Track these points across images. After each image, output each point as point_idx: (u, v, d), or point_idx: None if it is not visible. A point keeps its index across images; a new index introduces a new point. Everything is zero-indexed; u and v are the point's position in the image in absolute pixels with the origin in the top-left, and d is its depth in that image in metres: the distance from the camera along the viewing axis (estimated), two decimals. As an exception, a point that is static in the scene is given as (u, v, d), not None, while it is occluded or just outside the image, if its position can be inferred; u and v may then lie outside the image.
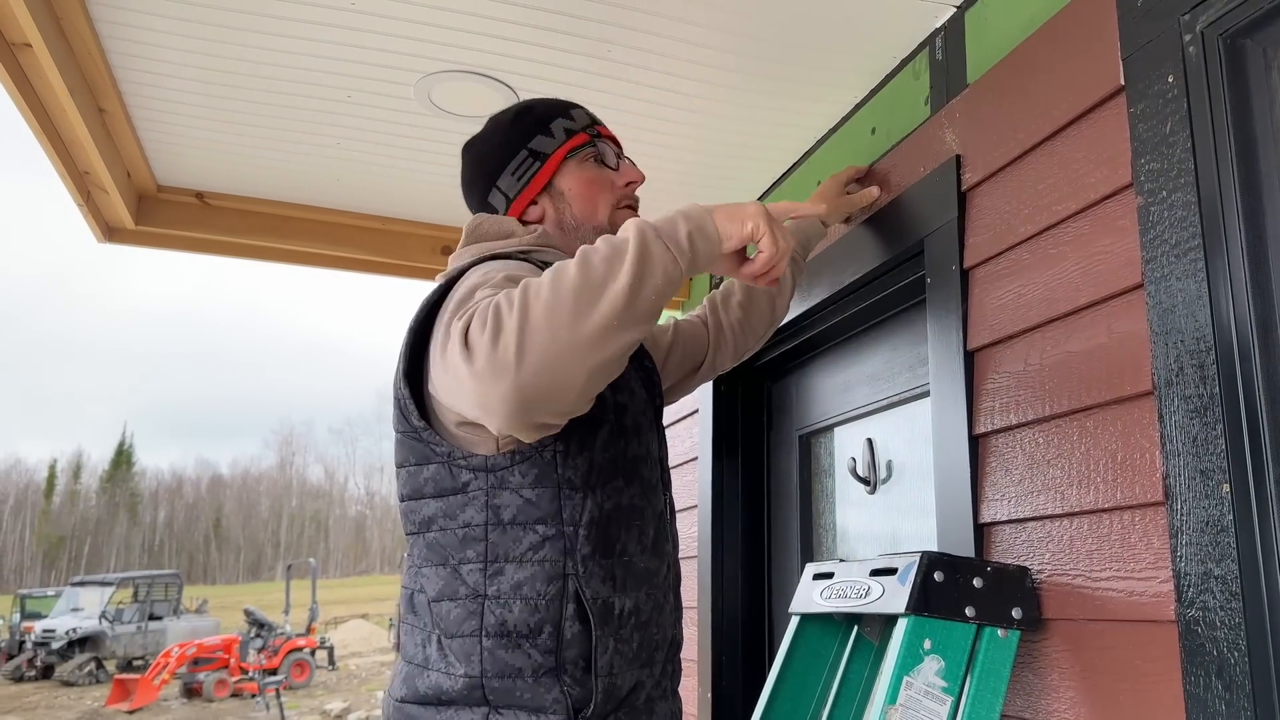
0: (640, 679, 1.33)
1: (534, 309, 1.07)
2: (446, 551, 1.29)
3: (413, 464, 1.33)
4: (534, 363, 1.05)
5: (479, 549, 1.27)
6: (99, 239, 2.56)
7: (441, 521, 1.30)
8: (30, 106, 1.92)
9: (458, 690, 1.25)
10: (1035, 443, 1.45)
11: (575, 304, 1.07)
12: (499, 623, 1.25)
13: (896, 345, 2.11)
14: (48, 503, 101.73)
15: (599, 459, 1.32)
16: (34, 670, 20.95)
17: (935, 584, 1.33)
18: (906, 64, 1.92)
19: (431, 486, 1.30)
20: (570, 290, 1.08)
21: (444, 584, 1.29)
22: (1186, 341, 1.18)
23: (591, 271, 1.10)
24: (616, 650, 1.29)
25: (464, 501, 1.28)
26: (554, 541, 1.27)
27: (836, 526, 2.38)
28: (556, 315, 1.06)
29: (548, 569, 1.26)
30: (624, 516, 1.34)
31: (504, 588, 1.25)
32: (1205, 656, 1.12)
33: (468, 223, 1.48)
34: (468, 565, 1.27)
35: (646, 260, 1.12)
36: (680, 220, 1.18)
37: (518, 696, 1.24)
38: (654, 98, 2.07)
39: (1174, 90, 1.24)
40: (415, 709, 1.29)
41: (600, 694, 1.26)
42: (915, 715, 1.28)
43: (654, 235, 1.14)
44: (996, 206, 1.58)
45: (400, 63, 1.95)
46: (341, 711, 15.27)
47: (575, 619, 1.26)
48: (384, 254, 2.76)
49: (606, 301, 1.08)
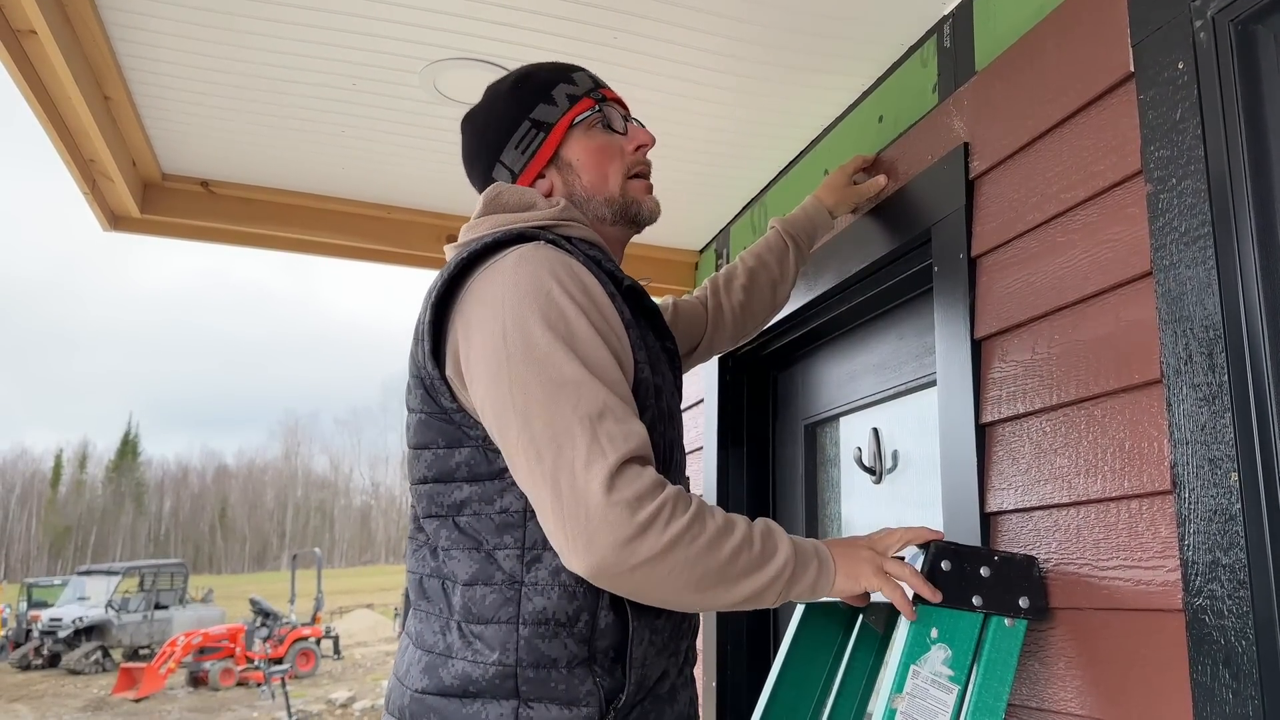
0: (666, 668, 1.33)
1: (681, 552, 1.14)
2: (481, 536, 1.26)
3: (442, 446, 1.29)
4: (640, 579, 1.13)
5: (517, 535, 1.25)
6: (104, 227, 2.56)
7: (476, 506, 1.27)
8: (35, 94, 1.92)
9: (487, 680, 1.22)
10: (1042, 431, 1.44)
11: (709, 576, 1.16)
12: (538, 610, 1.22)
13: (903, 334, 2.11)
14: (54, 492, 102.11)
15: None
16: (41, 659, 21.08)
17: (942, 573, 1.32)
18: (914, 51, 1.91)
19: (465, 471, 1.27)
20: (719, 563, 1.17)
21: (478, 569, 1.25)
22: (1195, 329, 1.17)
23: (740, 561, 1.18)
24: (650, 641, 1.28)
25: (501, 488, 1.25)
26: None
27: (842, 516, 2.37)
28: (690, 570, 1.14)
29: None
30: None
31: (542, 575, 1.23)
32: (1212, 645, 1.12)
33: (486, 192, 1.43)
34: (504, 551, 1.25)
35: (777, 585, 1.21)
36: (814, 565, 1.25)
37: (551, 688, 1.21)
38: (660, 86, 2.06)
39: (1184, 77, 1.23)
40: (438, 701, 1.24)
41: (633, 685, 1.25)
42: (922, 704, 1.28)
43: (792, 570, 1.22)
44: (1005, 194, 1.57)
45: (406, 50, 1.94)
46: (347, 700, 15.35)
47: (610, 608, 1.24)
48: (388, 243, 2.76)
49: (726, 592, 1.18)
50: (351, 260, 2.90)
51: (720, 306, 1.82)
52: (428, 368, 1.28)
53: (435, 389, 1.28)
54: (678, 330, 1.77)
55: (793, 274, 1.88)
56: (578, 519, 1.11)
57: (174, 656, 16.94)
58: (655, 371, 1.37)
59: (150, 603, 22.16)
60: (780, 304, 1.89)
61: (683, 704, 1.37)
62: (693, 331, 1.80)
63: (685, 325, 1.79)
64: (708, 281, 1.86)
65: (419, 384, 1.31)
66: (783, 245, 1.88)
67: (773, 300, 1.87)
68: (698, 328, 1.80)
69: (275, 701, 14.89)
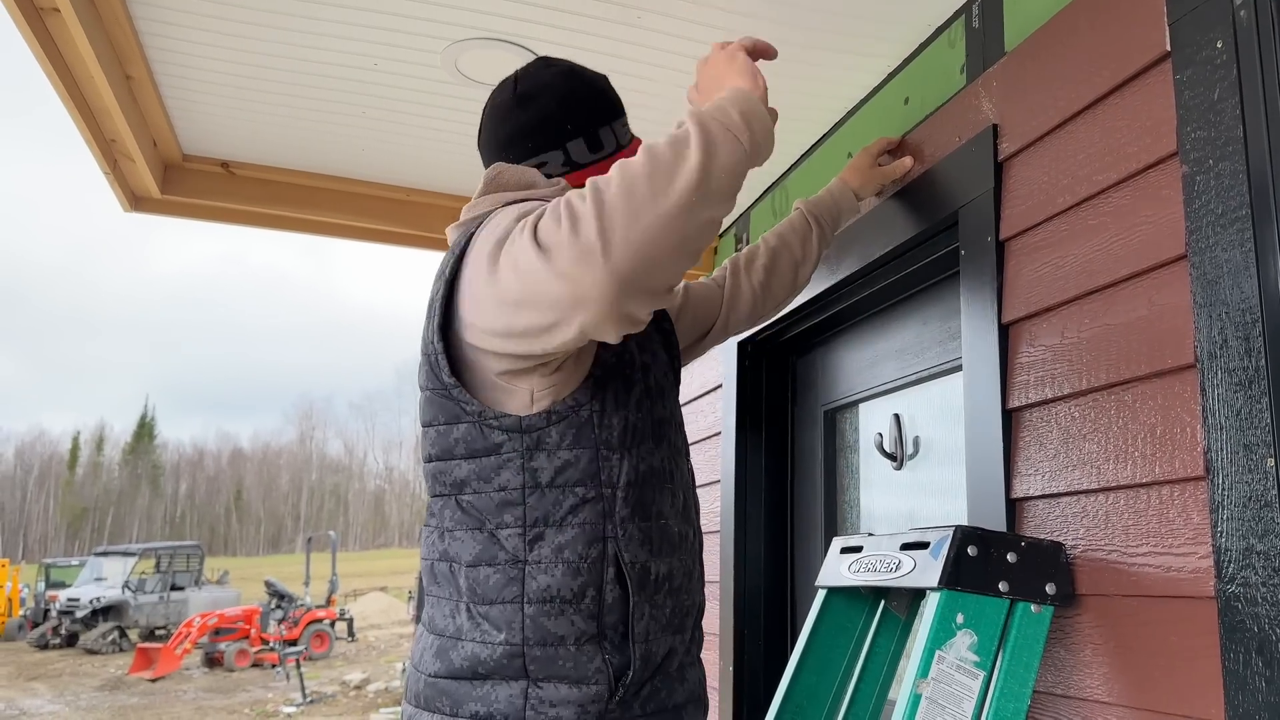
0: (674, 645, 1.33)
1: (608, 195, 1.06)
2: (482, 516, 1.27)
3: (442, 423, 1.30)
4: (622, 242, 1.03)
5: (517, 513, 1.25)
6: (125, 208, 2.56)
7: (475, 484, 1.27)
8: (58, 72, 1.91)
9: (495, 660, 1.23)
10: (1071, 417, 1.43)
11: (650, 185, 1.06)
12: (542, 589, 1.23)
13: (927, 319, 2.09)
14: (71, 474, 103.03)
15: (633, 419, 1.31)
16: (59, 638, 21.29)
17: (969, 558, 1.31)
18: (941, 32, 1.88)
19: (463, 447, 1.28)
20: (641, 174, 1.07)
21: (480, 549, 1.26)
22: (1231, 313, 1.15)
23: (658, 156, 1.08)
24: (652, 616, 1.28)
25: (498, 464, 1.26)
26: (593, 504, 1.26)
27: (860, 502, 2.36)
28: (634, 196, 1.05)
29: (588, 531, 1.25)
30: (657, 479, 1.34)
31: (545, 552, 1.24)
32: (1245, 633, 1.10)
33: (487, 171, 1.42)
34: (506, 530, 1.25)
35: (710, 140, 1.10)
36: (728, 104, 1.17)
37: (559, 666, 1.22)
38: (682, 66, 2.04)
39: (1223, 56, 1.20)
40: (449, 684, 1.26)
41: (639, 660, 1.25)
42: (947, 689, 1.27)
43: (710, 119, 1.13)
44: (1034, 177, 1.55)
45: (427, 30, 1.93)
46: (360, 682, 15.44)
47: (615, 583, 1.25)
48: (407, 225, 2.75)
49: (681, 179, 1.07)
50: (370, 243, 2.89)
51: (739, 287, 1.80)
52: (433, 342, 1.28)
53: (437, 364, 1.28)
54: (688, 314, 1.76)
55: (815, 256, 1.86)
56: (558, 295, 1.06)
57: (190, 637, 17.09)
58: (643, 349, 1.38)
59: (166, 584, 22.35)
60: (800, 286, 1.87)
61: (692, 683, 1.37)
62: (707, 314, 1.78)
63: (697, 308, 1.78)
64: (728, 262, 1.85)
65: (425, 359, 1.32)
66: (806, 226, 1.86)
67: (793, 282, 1.85)
68: (712, 309, 1.79)
69: (290, 683, 15.01)
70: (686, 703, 1.34)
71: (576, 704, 1.22)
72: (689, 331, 1.77)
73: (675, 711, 1.32)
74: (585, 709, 1.22)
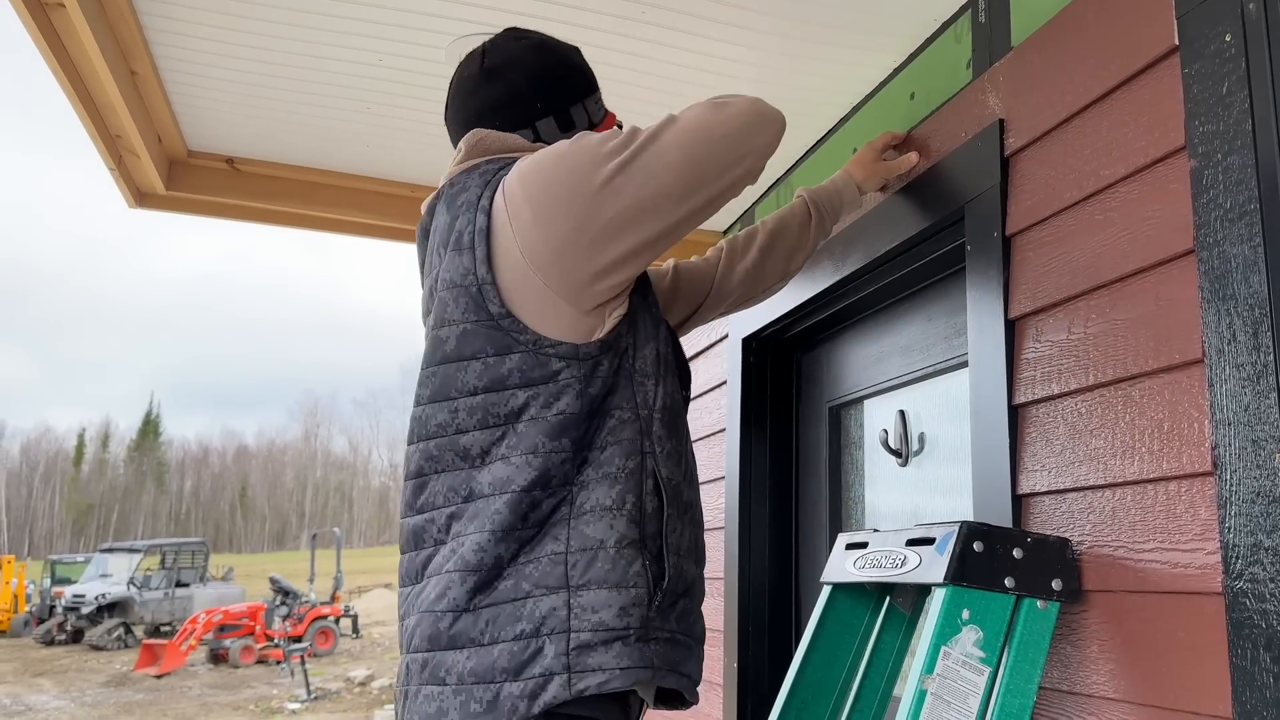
0: (697, 575, 1.40)
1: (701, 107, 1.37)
2: (538, 440, 1.29)
3: (491, 354, 1.32)
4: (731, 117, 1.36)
5: (574, 436, 1.30)
6: (130, 204, 2.57)
7: (535, 410, 1.30)
8: (63, 67, 1.92)
9: (540, 572, 1.26)
10: (1077, 413, 1.42)
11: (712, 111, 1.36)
12: (586, 501, 1.29)
13: (932, 315, 2.09)
14: (76, 470, 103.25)
15: (663, 350, 1.42)
16: (64, 634, 21.37)
17: (974, 554, 1.31)
18: (948, 27, 1.87)
19: (518, 376, 1.31)
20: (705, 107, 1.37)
21: (537, 474, 1.28)
22: (1240, 308, 1.15)
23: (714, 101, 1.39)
24: (682, 533, 1.36)
25: (557, 390, 1.30)
26: (631, 424, 1.34)
27: (865, 499, 2.36)
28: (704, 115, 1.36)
29: (626, 447, 1.32)
30: (680, 410, 1.44)
31: (589, 472, 1.30)
32: (1253, 629, 1.10)
33: (468, 136, 1.46)
34: (561, 454, 1.29)
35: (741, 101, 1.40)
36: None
37: (599, 570, 1.26)
38: (689, 61, 2.04)
39: (1232, 49, 1.20)
40: (490, 611, 1.26)
41: (672, 570, 1.32)
42: (952, 685, 1.27)
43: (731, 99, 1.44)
44: (1041, 172, 1.55)
45: (432, 25, 1.92)
46: (365, 679, 15.47)
47: (654, 494, 1.33)
48: (411, 221, 2.75)
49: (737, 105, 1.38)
50: (375, 239, 2.90)
51: (732, 267, 1.78)
52: (479, 272, 1.32)
53: (485, 294, 1.32)
54: (679, 295, 1.77)
55: (811, 245, 1.83)
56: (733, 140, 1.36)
57: (195, 634, 17.14)
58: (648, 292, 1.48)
59: (171, 580, 22.41)
60: (792, 273, 1.84)
61: (701, 629, 1.42)
62: (695, 293, 1.78)
63: (686, 288, 1.77)
64: (724, 241, 1.83)
65: (464, 293, 1.33)
66: (806, 214, 1.83)
67: (785, 268, 1.82)
68: (701, 288, 1.78)
69: (294, 679, 15.03)
70: (702, 639, 1.40)
71: (619, 607, 1.25)
72: (680, 309, 1.77)
73: (699, 642, 1.39)
74: (627, 611, 1.26)
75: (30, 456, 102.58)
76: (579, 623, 1.24)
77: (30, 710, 13.65)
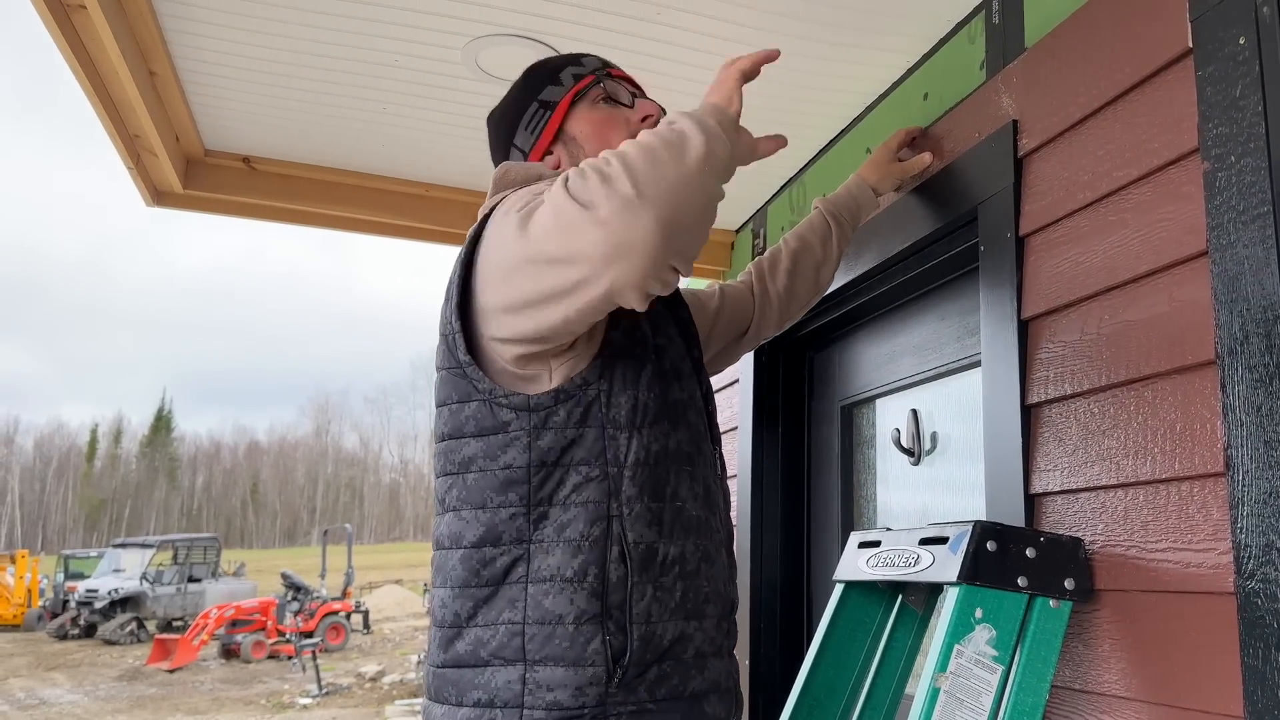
0: (686, 631, 1.28)
1: (630, 158, 1.11)
2: (486, 494, 1.26)
3: (454, 401, 1.31)
4: (655, 195, 1.08)
5: (521, 491, 1.25)
6: (148, 203, 2.59)
7: (482, 462, 1.27)
8: (84, 68, 1.94)
9: (497, 642, 1.23)
10: (1090, 413, 1.43)
11: (666, 152, 1.12)
12: (544, 568, 1.22)
13: (945, 315, 2.09)
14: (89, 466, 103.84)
15: (644, 398, 1.30)
16: (77, 629, 21.49)
17: (988, 553, 1.32)
18: (961, 28, 1.88)
19: (472, 425, 1.28)
20: (655, 144, 1.13)
21: (485, 530, 1.26)
22: (1253, 310, 1.15)
23: (662, 134, 1.15)
24: (656, 599, 1.25)
25: (505, 442, 1.26)
26: (598, 483, 1.25)
27: (878, 498, 2.37)
28: (656, 160, 1.11)
29: (591, 510, 1.24)
30: (674, 460, 1.32)
31: (548, 532, 1.23)
32: (1265, 629, 1.11)
33: (495, 172, 1.46)
34: (510, 509, 1.25)
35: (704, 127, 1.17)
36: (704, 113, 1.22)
37: (556, 646, 1.20)
38: (703, 62, 2.04)
39: (1245, 52, 1.20)
40: (454, 672, 1.26)
41: (636, 641, 1.22)
42: (965, 684, 1.28)
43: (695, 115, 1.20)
44: (1054, 173, 1.55)
45: (448, 26, 1.94)
46: (376, 674, 15.53)
47: (619, 562, 1.23)
48: (426, 220, 2.77)
49: (691, 149, 1.13)
50: (390, 238, 2.91)
51: (766, 292, 1.81)
52: (451, 321, 1.30)
53: (453, 342, 1.30)
54: (725, 314, 1.78)
55: (836, 255, 1.87)
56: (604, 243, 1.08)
57: (207, 629, 17.22)
58: (658, 332, 1.38)
59: (184, 575, 22.50)
60: (824, 286, 1.88)
61: (716, 673, 1.32)
62: (740, 316, 1.80)
63: (733, 311, 1.79)
64: (752, 266, 1.86)
65: (442, 339, 1.33)
66: (825, 226, 1.86)
67: (815, 283, 1.86)
68: (746, 313, 1.80)
69: (306, 674, 15.10)
70: (708, 692, 1.29)
71: (574, 686, 1.19)
72: (724, 334, 1.78)
73: (693, 700, 1.27)
74: (582, 691, 1.19)
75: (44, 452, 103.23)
76: (533, 699, 1.20)
77: (44, 704, 13.75)
